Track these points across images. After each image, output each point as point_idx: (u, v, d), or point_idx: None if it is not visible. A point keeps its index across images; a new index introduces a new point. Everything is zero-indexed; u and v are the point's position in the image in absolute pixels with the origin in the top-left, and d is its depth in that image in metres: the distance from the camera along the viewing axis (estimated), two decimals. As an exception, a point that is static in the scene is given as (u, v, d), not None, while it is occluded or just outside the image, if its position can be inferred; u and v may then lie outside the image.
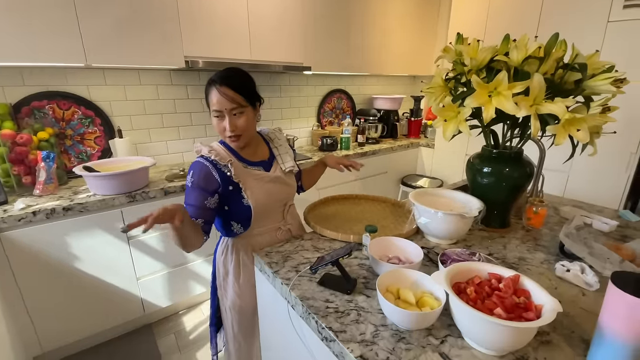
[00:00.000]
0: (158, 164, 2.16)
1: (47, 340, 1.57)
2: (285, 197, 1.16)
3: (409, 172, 3.14)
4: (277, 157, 1.16)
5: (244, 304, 1.14)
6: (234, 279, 1.14)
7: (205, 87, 1.01)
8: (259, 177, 1.08)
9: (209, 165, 1.00)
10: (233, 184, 1.03)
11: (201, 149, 1.03)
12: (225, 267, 1.15)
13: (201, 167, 1.00)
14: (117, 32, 1.60)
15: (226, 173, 1.02)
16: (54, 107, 1.78)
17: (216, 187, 1.01)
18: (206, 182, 0.99)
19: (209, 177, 0.99)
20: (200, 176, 0.99)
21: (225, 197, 1.03)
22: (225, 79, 0.97)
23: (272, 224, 1.14)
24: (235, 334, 1.16)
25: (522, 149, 1.12)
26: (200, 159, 1.02)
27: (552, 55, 0.88)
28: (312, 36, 2.30)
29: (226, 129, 0.99)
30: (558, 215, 1.32)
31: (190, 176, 1.00)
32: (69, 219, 1.49)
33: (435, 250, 1.04)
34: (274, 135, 1.21)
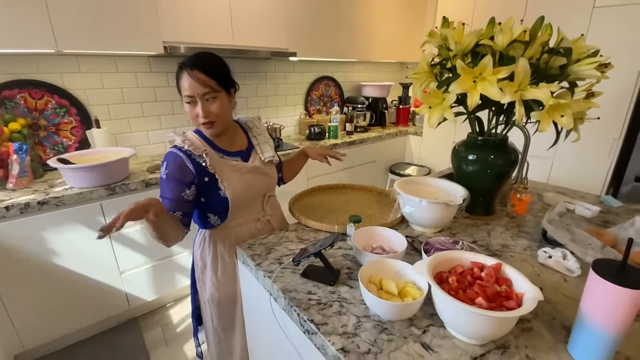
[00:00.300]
0: (139, 154, 2.10)
1: (28, 338, 1.53)
2: (264, 188, 1.13)
3: (398, 161, 3.14)
4: (255, 147, 1.13)
5: (223, 297, 1.11)
6: (212, 271, 1.11)
7: (175, 72, 0.95)
8: (237, 168, 1.04)
9: (183, 155, 0.95)
10: (209, 175, 0.99)
11: (174, 139, 0.98)
12: (203, 260, 1.12)
13: (174, 158, 0.95)
14: (90, 16, 1.52)
15: (201, 163, 0.97)
16: (25, 97, 1.69)
17: (191, 179, 0.97)
18: (181, 173, 0.95)
19: (183, 168, 0.95)
20: (175, 167, 0.95)
21: (200, 188, 1.00)
22: (196, 62, 0.91)
23: (250, 215, 1.11)
24: (214, 327, 1.15)
25: (507, 136, 1.11)
26: (174, 149, 0.97)
27: (538, 39, 0.86)
28: (297, 21, 2.23)
29: (199, 115, 0.94)
30: (542, 202, 1.33)
31: (164, 168, 0.96)
32: (45, 214, 1.44)
33: (420, 238, 1.03)
34: (252, 124, 1.17)
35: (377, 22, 2.74)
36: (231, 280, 1.10)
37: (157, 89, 2.08)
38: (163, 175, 0.96)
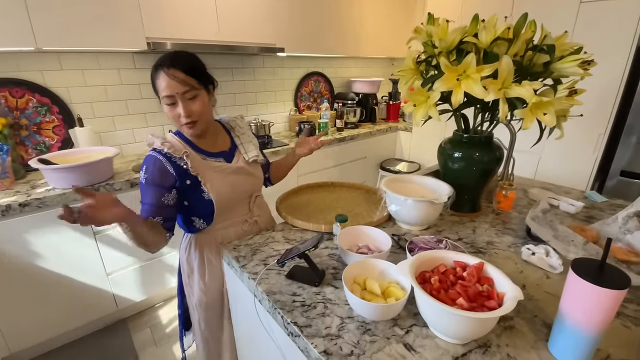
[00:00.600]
0: (125, 153, 2.06)
1: (15, 341, 1.50)
2: (250, 188, 1.11)
3: (388, 157, 3.14)
4: (239, 147, 1.10)
5: (211, 301, 1.10)
6: (199, 276, 1.09)
7: (150, 73, 0.92)
8: (220, 169, 1.01)
9: (162, 158, 0.92)
10: (191, 178, 0.96)
11: (153, 141, 0.94)
12: (189, 264, 1.10)
13: (154, 161, 0.92)
14: (69, 13, 1.47)
15: (182, 166, 0.94)
16: (5, 95, 1.64)
17: (172, 182, 0.94)
18: (161, 177, 0.92)
19: (163, 171, 0.92)
20: (154, 171, 0.92)
21: (183, 192, 0.97)
22: (173, 60, 0.88)
23: (237, 217, 1.09)
24: (202, 332, 1.13)
25: (492, 134, 1.11)
26: (153, 152, 0.93)
27: (521, 36, 0.85)
28: (285, 16, 2.19)
29: (181, 115, 0.91)
30: (527, 198, 1.34)
31: (143, 172, 0.93)
32: (27, 215, 1.40)
33: (407, 237, 1.03)
34: (234, 124, 1.14)
35: (367, 17, 2.72)
36: (219, 284, 1.09)
37: (142, 86, 2.04)
38: (142, 179, 0.93)
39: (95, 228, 1.58)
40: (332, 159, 2.58)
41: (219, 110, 2.39)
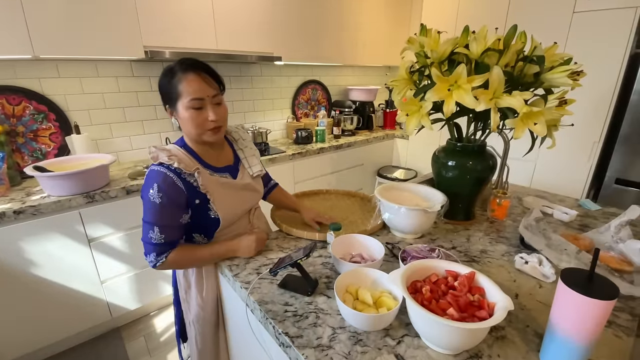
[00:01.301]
0: (122, 160, 2.06)
1: (8, 350, 1.48)
2: (253, 203, 1.08)
3: (385, 164, 3.15)
4: (242, 160, 1.06)
5: (208, 317, 1.06)
6: (197, 291, 1.03)
7: (168, 77, 0.87)
8: (228, 186, 0.97)
9: (172, 175, 0.85)
10: (200, 196, 0.90)
11: (158, 155, 0.87)
12: (187, 279, 1.05)
13: (164, 178, 0.84)
14: (67, 21, 1.48)
15: (192, 183, 0.89)
16: (2, 103, 1.64)
17: (185, 201, 0.88)
18: (177, 196, 0.86)
19: (177, 190, 0.86)
20: (168, 191, 0.84)
21: (190, 209, 0.92)
22: (199, 63, 0.87)
23: (237, 230, 1.05)
24: (199, 349, 1.11)
25: (485, 142, 1.12)
26: (160, 167, 0.85)
27: (512, 47, 0.87)
28: (282, 25, 2.22)
29: (209, 118, 0.87)
30: (522, 206, 1.35)
31: (155, 191, 0.83)
32: (21, 223, 1.39)
33: (400, 245, 1.03)
34: (237, 136, 1.10)
35: (363, 26, 2.75)
36: (215, 296, 1.05)
37: (139, 93, 2.05)
38: (156, 200, 0.84)
39: (89, 235, 1.58)
40: (329, 166, 2.58)
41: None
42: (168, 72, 0.88)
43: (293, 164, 2.31)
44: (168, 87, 0.88)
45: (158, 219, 0.86)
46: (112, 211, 1.62)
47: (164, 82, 0.89)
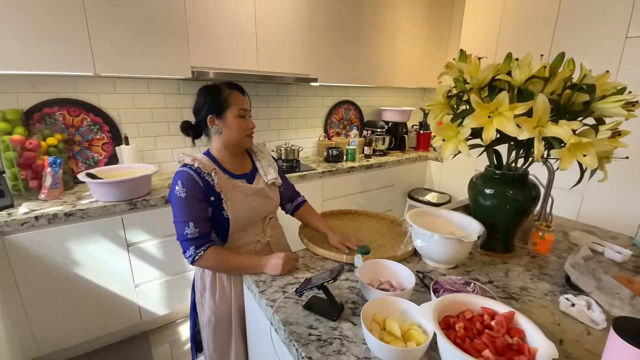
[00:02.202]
0: (163, 171, 2.19)
1: (45, 344, 1.58)
2: (266, 210, 1.15)
3: (417, 186, 3.08)
4: (259, 169, 1.18)
5: (219, 321, 1.10)
6: (210, 295, 1.10)
7: (214, 93, 1.05)
8: (242, 190, 1.08)
9: (193, 173, 1.00)
10: (215, 194, 1.02)
11: (183, 159, 1.04)
12: (203, 281, 1.12)
13: (187, 176, 0.99)
14: (125, 43, 1.64)
15: (209, 181, 1.02)
16: (64, 114, 1.82)
17: (204, 196, 1.01)
18: (197, 190, 0.99)
19: (196, 185, 0.99)
20: (190, 186, 0.98)
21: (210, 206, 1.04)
22: (239, 86, 1.09)
23: (250, 237, 1.12)
24: (210, 354, 1.13)
25: (527, 171, 1.07)
26: (184, 167, 1.01)
27: (558, 75, 0.83)
28: (319, 48, 2.30)
29: (250, 126, 1.09)
30: (567, 241, 1.25)
31: (180, 187, 0.97)
32: (71, 225, 1.51)
33: (432, 274, 0.99)
34: (257, 149, 1.23)
35: (400, 48, 2.78)
36: (228, 305, 1.10)
37: (184, 109, 2.19)
38: (182, 194, 0.97)
39: (129, 240, 1.67)
40: (358, 185, 2.57)
41: (252, 133, 2.50)
42: (214, 88, 1.06)
43: (322, 181, 2.32)
44: (217, 99, 1.04)
45: (188, 213, 0.98)
46: (151, 219, 1.71)
47: (211, 96, 1.05)
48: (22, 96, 1.70)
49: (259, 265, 0.99)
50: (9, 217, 1.40)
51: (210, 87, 1.06)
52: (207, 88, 1.07)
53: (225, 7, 1.87)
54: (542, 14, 2.14)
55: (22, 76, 1.68)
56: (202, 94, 1.07)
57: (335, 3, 2.30)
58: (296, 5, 2.13)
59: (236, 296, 1.10)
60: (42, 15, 1.44)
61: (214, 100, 1.04)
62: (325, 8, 2.26)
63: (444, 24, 3.05)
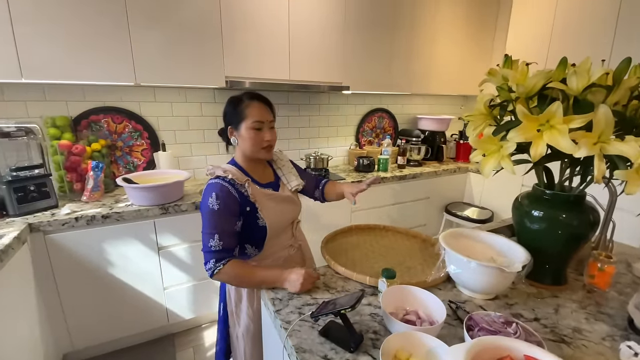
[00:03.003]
0: (197, 177, 2.25)
1: (78, 339, 1.65)
2: (294, 215, 1.18)
3: (455, 200, 2.89)
4: (281, 178, 1.19)
5: (258, 330, 1.10)
6: (248, 303, 1.11)
7: (234, 104, 1.06)
8: (272, 197, 1.10)
9: (227, 185, 0.99)
10: (250, 205, 1.03)
11: (214, 171, 1.03)
12: (238, 292, 1.13)
13: (221, 188, 0.98)
14: (163, 55, 1.71)
15: (243, 193, 1.02)
16: (108, 121, 1.94)
17: (239, 208, 1.01)
18: (232, 203, 0.99)
19: (232, 197, 0.99)
20: (225, 199, 0.97)
21: (242, 216, 1.03)
22: (261, 95, 1.07)
23: (283, 242, 1.15)
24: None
25: (584, 193, 0.92)
26: (217, 180, 1.00)
27: (624, 83, 0.71)
28: (352, 56, 2.25)
29: (265, 139, 1.04)
30: (632, 274, 1.07)
31: (214, 199, 0.96)
32: (107, 227, 1.58)
33: (467, 306, 0.88)
34: (276, 157, 1.22)
35: (438, 52, 2.64)
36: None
37: (218, 118, 2.24)
38: (214, 206, 0.96)
39: (159, 243, 1.71)
40: (391, 196, 2.46)
41: (283, 143, 2.50)
42: (236, 99, 1.07)
43: (352, 192, 2.25)
44: (235, 111, 1.05)
45: (216, 225, 0.97)
46: (181, 223, 1.74)
47: (232, 107, 1.06)
48: (72, 104, 1.83)
49: (278, 279, 0.95)
50: (52, 217, 1.49)
51: (233, 98, 1.08)
52: (231, 98, 1.08)
53: (260, 18, 1.90)
54: (600, 16, 1.93)
55: (73, 86, 1.81)
56: (227, 104, 1.09)
57: (370, 5, 2.24)
58: (329, 11, 2.11)
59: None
60: (90, 31, 1.54)
61: (233, 111, 1.06)
62: (359, 11, 2.21)
63: (488, 26, 2.87)
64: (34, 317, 1.41)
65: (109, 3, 1.55)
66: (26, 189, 1.53)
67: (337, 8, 2.12)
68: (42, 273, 1.48)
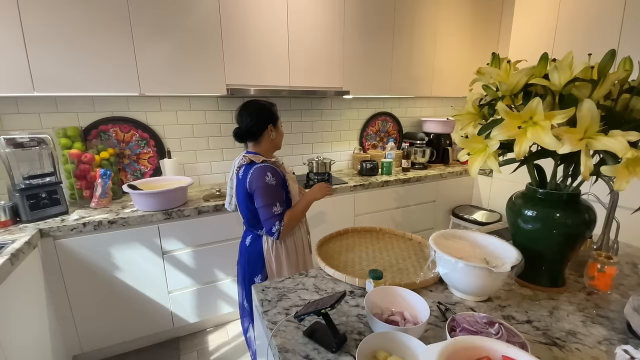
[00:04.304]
0: (202, 183, 2.30)
1: (87, 342, 1.70)
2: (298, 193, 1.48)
3: (463, 202, 2.84)
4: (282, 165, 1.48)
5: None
6: (287, 264, 1.40)
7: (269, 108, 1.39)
8: (291, 178, 1.42)
9: (274, 166, 1.32)
10: (285, 181, 1.36)
11: (254, 158, 1.32)
12: (278, 259, 1.39)
13: (272, 170, 1.30)
14: (166, 66, 1.77)
15: (280, 172, 1.34)
16: (117, 130, 2.01)
17: (282, 182, 1.33)
18: (281, 180, 1.32)
19: (279, 176, 1.32)
20: (277, 176, 1.30)
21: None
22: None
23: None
24: None
25: (578, 191, 0.90)
26: (265, 164, 1.31)
27: (609, 77, 0.69)
28: (351, 60, 2.26)
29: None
30: (637, 275, 1.02)
31: (270, 177, 1.28)
32: (113, 232, 1.63)
33: (458, 308, 0.87)
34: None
35: (441, 54, 2.62)
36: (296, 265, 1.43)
37: (222, 125, 2.29)
38: (272, 182, 1.28)
39: (164, 248, 1.76)
40: (394, 200, 2.44)
41: (286, 148, 2.52)
42: (268, 105, 1.39)
43: (354, 195, 2.25)
44: (273, 112, 1.39)
45: (277, 196, 1.30)
46: (185, 228, 1.78)
47: (269, 111, 1.37)
48: (82, 115, 1.91)
49: (311, 200, 1.42)
50: (61, 223, 1.55)
51: (264, 104, 1.38)
52: (261, 104, 1.37)
53: (259, 27, 1.94)
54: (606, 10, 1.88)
55: (83, 97, 1.90)
56: (259, 108, 1.36)
57: (369, 10, 2.25)
58: (328, 17, 2.13)
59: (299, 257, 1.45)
60: (97, 46, 1.62)
61: (272, 114, 1.37)
62: (358, 16, 2.22)
63: (493, 26, 2.83)
64: (44, 319, 1.46)
65: (115, 20, 1.63)
66: (38, 196, 1.60)
67: (336, 13, 2.15)
68: (52, 277, 1.54)
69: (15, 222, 1.56)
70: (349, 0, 2.16)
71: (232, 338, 1.96)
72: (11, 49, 1.48)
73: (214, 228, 1.85)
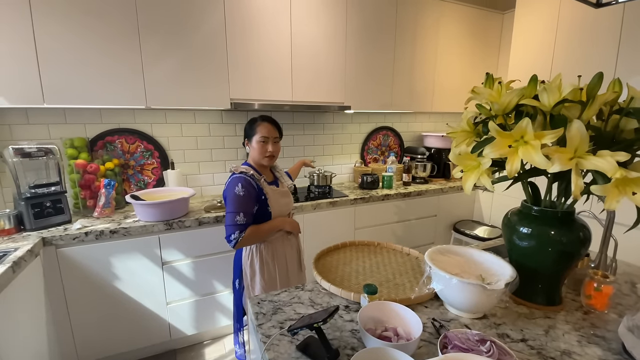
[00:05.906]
0: (204, 194, 2.32)
1: (84, 352, 1.70)
2: (290, 207, 1.55)
3: (464, 218, 2.83)
4: (279, 178, 1.58)
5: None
6: (260, 276, 1.43)
7: (251, 123, 1.45)
8: (275, 191, 1.46)
9: (250, 179, 1.36)
10: (263, 195, 1.39)
11: (238, 168, 1.39)
12: (252, 268, 1.43)
13: (245, 180, 1.34)
14: (172, 80, 1.82)
15: (258, 185, 1.39)
16: (122, 141, 2.06)
17: (255, 196, 1.37)
18: (252, 192, 1.35)
19: (253, 187, 1.36)
20: (248, 188, 1.34)
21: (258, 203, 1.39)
22: (270, 118, 1.46)
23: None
24: None
25: (573, 208, 0.91)
26: (241, 175, 1.36)
27: (598, 98, 0.71)
28: (353, 76, 2.31)
29: (268, 150, 1.41)
30: (636, 295, 1.01)
31: (239, 187, 1.32)
32: (114, 241, 1.65)
33: (452, 325, 0.86)
34: (276, 164, 1.60)
35: (441, 70, 2.67)
36: (274, 280, 1.45)
37: (225, 137, 2.33)
38: (241, 192, 1.32)
39: (164, 258, 1.77)
40: (394, 214, 2.44)
41: (288, 161, 2.55)
42: (252, 120, 1.46)
43: (354, 208, 2.26)
44: (250, 128, 1.44)
45: (242, 206, 1.33)
46: (185, 239, 1.80)
47: (249, 125, 1.45)
48: (90, 126, 1.97)
49: (278, 226, 1.44)
50: (64, 232, 1.58)
51: (251, 119, 1.46)
52: (250, 119, 1.47)
53: (263, 44, 2.00)
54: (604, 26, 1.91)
55: (91, 109, 1.95)
56: (246, 123, 1.47)
57: (371, 26, 2.31)
58: (330, 34, 2.19)
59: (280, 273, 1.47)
60: (105, 60, 1.68)
61: (249, 128, 1.45)
62: (360, 33, 2.29)
63: (493, 42, 2.89)
64: (42, 328, 1.47)
65: (124, 36, 1.69)
66: (42, 205, 1.63)
67: (338, 30, 2.21)
68: (52, 285, 1.56)
69: (19, 230, 1.59)
70: (351, 17, 2.23)
71: (229, 352, 1.95)
72: (24, 62, 1.54)
73: (214, 239, 1.86)
